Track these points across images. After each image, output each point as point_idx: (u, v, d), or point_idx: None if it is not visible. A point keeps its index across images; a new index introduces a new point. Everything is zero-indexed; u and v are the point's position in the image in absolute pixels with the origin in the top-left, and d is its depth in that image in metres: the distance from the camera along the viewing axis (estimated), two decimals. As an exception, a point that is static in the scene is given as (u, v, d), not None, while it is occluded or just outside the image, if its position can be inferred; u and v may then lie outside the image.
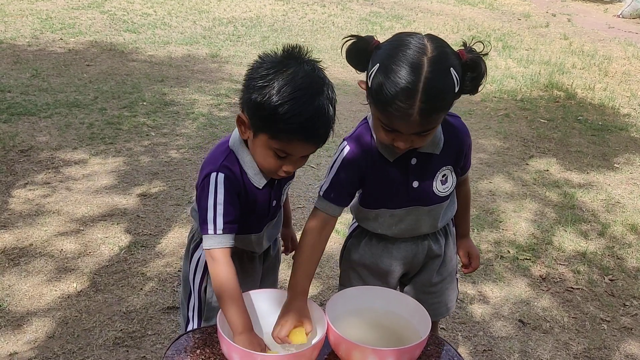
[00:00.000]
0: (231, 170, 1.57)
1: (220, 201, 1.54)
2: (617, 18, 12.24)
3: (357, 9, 11.05)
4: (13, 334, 2.60)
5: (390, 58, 1.44)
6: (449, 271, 1.91)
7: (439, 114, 1.48)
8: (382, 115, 1.49)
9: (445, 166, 1.70)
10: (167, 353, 1.51)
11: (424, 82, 1.39)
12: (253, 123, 1.51)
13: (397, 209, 1.71)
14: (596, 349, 2.80)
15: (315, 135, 1.48)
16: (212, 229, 1.54)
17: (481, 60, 1.51)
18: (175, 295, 2.91)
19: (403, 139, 1.52)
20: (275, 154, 1.51)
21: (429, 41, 1.45)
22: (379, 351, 1.43)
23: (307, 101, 1.43)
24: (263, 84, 1.45)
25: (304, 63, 1.48)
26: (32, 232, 3.36)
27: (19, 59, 6.62)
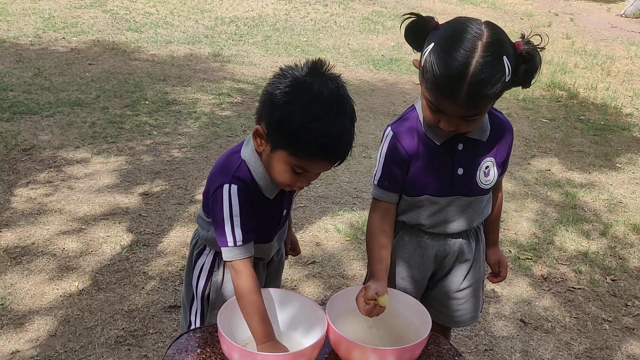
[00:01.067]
0: (244, 182, 1.56)
1: (236, 213, 1.53)
2: (620, 17, 12.22)
3: (360, 8, 11.04)
4: (15, 332, 2.60)
5: (446, 39, 1.48)
6: (476, 278, 1.88)
7: (486, 100, 1.50)
8: (431, 94, 1.52)
9: (490, 157, 1.71)
10: (168, 352, 1.51)
11: (474, 66, 1.41)
12: (273, 138, 1.49)
13: (440, 197, 1.70)
14: (598, 349, 2.79)
15: (337, 155, 1.48)
16: (232, 241, 1.54)
17: (537, 53, 1.52)
18: (177, 294, 2.92)
19: (448, 120, 1.54)
20: (293, 169, 1.50)
21: (487, 27, 1.47)
22: (379, 350, 1.43)
23: (331, 122, 1.41)
24: (286, 100, 1.44)
25: (328, 80, 1.46)
26: (34, 230, 3.37)
27: (22, 58, 6.63)
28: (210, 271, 1.77)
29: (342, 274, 3.17)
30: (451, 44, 1.45)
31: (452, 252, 1.80)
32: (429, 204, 1.72)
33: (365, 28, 9.67)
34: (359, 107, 5.52)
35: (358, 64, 7.82)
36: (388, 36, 9.29)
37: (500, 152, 1.74)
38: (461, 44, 1.43)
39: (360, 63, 7.88)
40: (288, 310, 1.59)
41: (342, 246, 3.43)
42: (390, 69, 7.65)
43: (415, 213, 1.74)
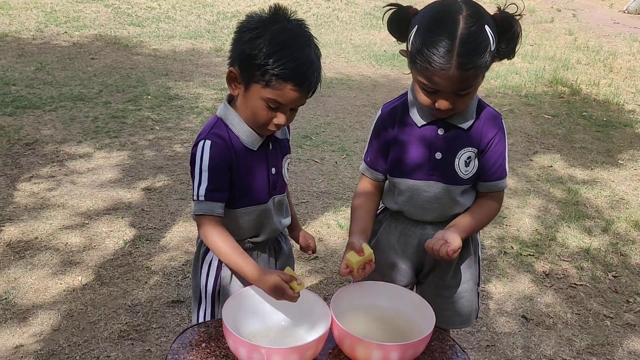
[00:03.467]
0: (220, 137, 1.61)
1: (205, 167, 1.59)
2: (623, 13, 12.19)
3: (362, 3, 11.02)
4: (19, 326, 2.61)
5: (428, 19, 1.55)
6: (467, 277, 1.87)
7: (477, 70, 1.52)
8: (423, 75, 1.55)
9: (470, 147, 1.71)
10: (173, 346, 1.52)
11: (460, 37, 1.47)
12: (245, 75, 1.56)
13: (418, 180, 1.73)
14: (599, 345, 2.80)
15: (306, 82, 1.54)
16: (195, 194, 1.60)
17: (514, 20, 1.57)
18: (180, 289, 2.92)
19: (444, 98, 1.57)
20: (267, 105, 1.56)
21: (464, 3, 1.54)
22: (383, 346, 1.43)
23: (297, 50, 1.51)
24: (254, 35, 1.52)
25: (291, 20, 1.57)
26: (37, 225, 3.37)
27: (24, 52, 6.63)
28: (219, 268, 1.76)
29: (344, 270, 3.17)
30: (434, 22, 1.52)
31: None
32: (406, 187, 1.75)
33: (367, 23, 9.66)
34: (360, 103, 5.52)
35: (360, 60, 7.81)
36: (390, 31, 9.27)
37: (483, 144, 1.72)
38: (444, 20, 1.50)
39: (363, 58, 7.88)
40: (292, 306, 1.59)
41: (344, 242, 3.44)
42: (393, 65, 7.64)
43: (397, 197, 1.79)
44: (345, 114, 5.64)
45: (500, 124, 1.75)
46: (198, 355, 1.48)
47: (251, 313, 1.59)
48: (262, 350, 1.38)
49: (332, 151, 4.75)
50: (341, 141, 4.95)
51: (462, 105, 1.62)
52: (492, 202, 1.79)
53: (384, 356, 1.42)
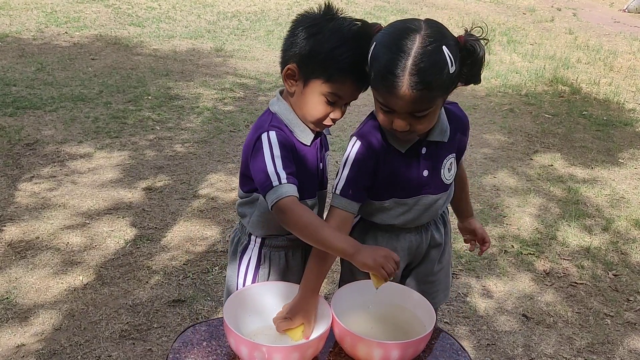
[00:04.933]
0: (279, 129, 1.61)
1: (277, 155, 1.55)
2: (623, 12, 12.19)
3: (362, 2, 11.02)
4: (20, 326, 2.62)
5: (386, 36, 1.50)
6: (447, 259, 1.94)
7: (431, 92, 1.47)
8: (378, 93, 1.52)
9: (451, 154, 1.74)
10: (174, 345, 1.52)
11: (414, 56, 1.42)
12: (305, 71, 1.58)
13: (407, 198, 1.72)
14: (600, 343, 2.80)
15: (366, 77, 1.55)
16: (276, 180, 1.51)
17: (479, 44, 1.51)
18: (181, 289, 2.93)
19: (400, 118, 1.52)
20: (327, 100, 1.58)
21: (426, 23, 1.49)
22: (384, 344, 1.44)
23: (357, 45, 1.53)
24: (312, 32, 1.55)
25: (346, 18, 1.60)
26: (38, 225, 3.38)
27: (24, 53, 6.63)
28: (257, 265, 1.76)
29: (345, 269, 3.18)
30: (391, 40, 1.47)
31: (424, 240, 1.83)
32: (396, 205, 1.73)
33: (367, 23, 9.66)
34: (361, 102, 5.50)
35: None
36: (390, 31, 9.27)
37: (460, 146, 1.78)
38: (400, 38, 1.45)
39: (363, 58, 7.88)
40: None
41: (345, 241, 3.44)
42: (393, 64, 7.64)
43: (385, 214, 1.76)
44: (346, 113, 5.65)
45: (465, 115, 1.81)
46: (199, 354, 1.49)
47: (252, 312, 1.59)
48: (263, 349, 1.39)
49: (332, 150, 4.75)
50: (341, 141, 4.95)
51: (421, 127, 1.55)
52: (461, 169, 1.93)
53: (385, 355, 1.43)
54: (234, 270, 1.81)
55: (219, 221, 3.56)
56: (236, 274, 1.79)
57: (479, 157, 4.81)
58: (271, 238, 1.75)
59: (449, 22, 9.84)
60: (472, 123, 1.83)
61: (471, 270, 3.26)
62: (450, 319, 2.88)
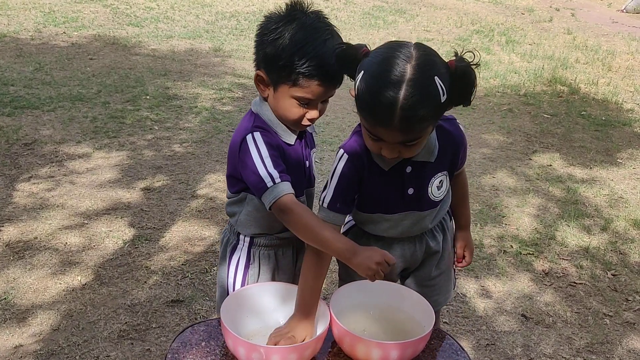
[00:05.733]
0: (264, 129, 1.62)
1: (265, 155, 1.56)
2: (621, 13, 12.20)
3: (361, 3, 11.02)
4: (18, 326, 2.61)
5: (375, 65, 1.43)
6: (447, 265, 1.92)
7: (422, 123, 1.43)
8: (367, 123, 1.48)
9: (441, 172, 1.69)
10: (172, 345, 1.52)
11: (405, 90, 1.36)
12: (272, 77, 1.58)
13: (392, 214, 1.70)
14: (599, 343, 2.80)
15: (332, 76, 1.54)
16: (270, 181, 1.52)
17: (471, 70, 1.46)
18: (179, 289, 2.92)
19: (389, 148, 1.49)
20: (298, 102, 1.57)
21: (416, 49, 1.42)
22: (383, 345, 1.43)
23: (319, 44, 1.51)
24: (275, 37, 1.53)
25: (308, 13, 1.57)
26: (37, 225, 3.37)
27: (22, 53, 6.62)
28: (247, 265, 1.76)
29: (343, 269, 3.17)
30: (380, 70, 1.40)
31: (419, 249, 1.81)
32: (382, 220, 1.72)
33: (366, 23, 9.65)
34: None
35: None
36: (389, 31, 9.27)
37: (453, 163, 1.72)
38: (390, 69, 1.38)
39: (361, 58, 7.88)
40: (292, 305, 1.59)
41: (343, 241, 3.44)
42: (391, 64, 7.64)
43: (373, 226, 1.76)
44: (344, 113, 5.64)
45: (464, 141, 1.74)
46: (197, 354, 1.48)
47: (250, 312, 1.59)
48: (261, 350, 1.38)
49: (331, 151, 4.75)
50: (340, 141, 4.95)
51: (409, 153, 1.53)
52: (462, 178, 1.89)
53: (384, 355, 1.42)
54: (224, 270, 1.81)
55: (217, 221, 3.56)
56: (226, 274, 1.79)
57: (478, 157, 4.81)
58: (260, 237, 1.75)
59: (448, 23, 9.84)
60: (471, 123, 1.81)
61: (470, 270, 3.26)
62: (449, 319, 2.88)
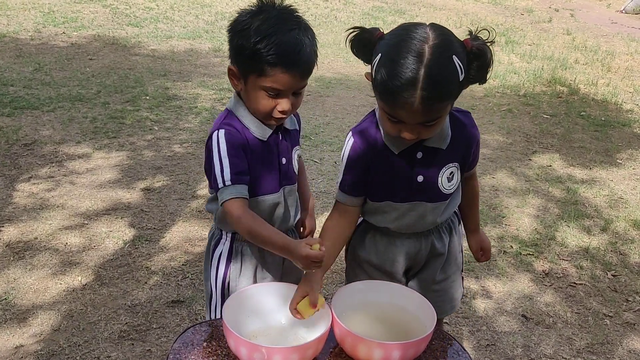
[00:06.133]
0: (232, 126, 1.64)
1: (224, 154, 1.60)
2: (620, 13, 12.22)
3: (360, 3, 11.02)
4: (19, 327, 2.61)
5: (392, 47, 1.45)
6: (453, 270, 1.89)
7: (443, 103, 1.46)
8: (386, 105, 1.49)
9: (452, 163, 1.68)
10: (174, 346, 1.52)
11: (425, 70, 1.38)
12: (240, 68, 1.61)
13: (401, 202, 1.70)
14: (599, 344, 2.80)
15: (296, 64, 1.55)
16: (221, 181, 1.58)
17: (486, 47, 1.49)
18: (180, 289, 2.92)
19: (408, 130, 1.51)
20: (267, 93, 1.58)
21: (432, 30, 1.44)
22: (384, 345, 1.43)
23: (283, 34, 1.53)
24: (242, 28, 1.56)
25: (277, 7, 1.59)
26: (37, 225, 3.37)
27: (22, 53, 6.62)
28: (229, 259, 1.77)
29: (343, 269, 3.16)
30: (398, 51, 1.41)
31: (424, 248, 1.80)
32: (391, 209, 1.72)
33: (365, 23, 9.65)
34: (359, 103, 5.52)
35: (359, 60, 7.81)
36: (388, 31, 9.28)
37: (465, 155, 1.72)
38: (408, 50, 1.40)
39: (361, 58, 7.88)
40: (294, 305, 1.59)
41: (344, 241, 3.44)
42: (391, 65, 7.64)
43: (380, 217, 1.75)
44: (344, 114, 5.64)
45: (477, 136, 1.75)
46: (199, 354, 1.48)
47: (252, 312, 1.59)
48: (263, 350, 1.38)
49: (331, 151, 4.75)
50: (340, 141, 4.95)
51: (428, 134, 1.55)
52: (473, 181, 1.89)
53: (386, 355, 1.42)
54: (207, 264, 1.83)
55: (217, 222, 3.56)
56: (209, 267, 1.81)
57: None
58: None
59: (447, 23, 9.84)
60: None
61: (470, 270, 3.26)
62: (450, 320, 2.87)
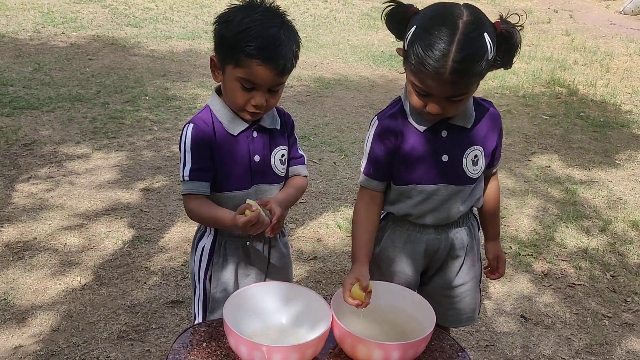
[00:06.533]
0: (203, 120, 1.68)
1: (187, 149, 1.66)
2: (619, 14, 12.22)
3: (359, 4, 11.03)
4: (18, 327, 2.61)
5: (428, 20, 1.52)
6: (471, 276, 1.88)
7: (471, 77, 1.50)
8: (416, 77, 1.53)
9: (476, 145, 1.71)
10: (174, 346, 1.52)
11: (457, 43, 1.44)
12: (220, 58, 1.63)
13: (426, 184, 1.71)
14: (598, 344, 2.81)
15: (273, 58, 1.56)
16: (181, 175, 1.68)
17: (516, 31, 1.55)
18: (179, 290, 2.92)
19: (435, 102, 1.54)
20: (242, 85, 1.60)
21: (466, 8, 1.51)
22: (384, 345, 1.43)
23: (263, 29, 1.55)
24: (226, 19, 1.60)
25: (264, 4, 1.63)
26: (36, 226, 3.37)
27: (21, 53, 6.62)
28: (211, 254, 1.78)
29: (343, 270, 3.18)
30: (433, 24, 1.48)
31: (443, 246, 1.80)
32: (416, 192, 1.72)
33: (364, 24, 9.67)
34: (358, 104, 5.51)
35: (358, 60, 7.82)
36: (388, 32, 9.17)
37: (489, 141, 1.75)
38: (443, 23, 1.46)
39: (360, 59, 7.89)
40: (294, 305, 1.60)
41: (343, 242, 3.44)
42: (390, 65, 7.65)
43: (404, 203, 1.76)
44: (343, 114, 5.64)
45: (501, 124, 1.78)
46: (199, 355, 1.48)
47: (252, 312, 1.59)
48: (263, 348, 1.38)
49: (330, 152, 4.75)
50: (339, 142, 4.95)
51: (452, 110, 1.59)
52: (495, 183, 1.94)
53: (385, 356, 1.42)
54: (192, 258, 1.85)
55: (217, 222, 3.56)
56: (193, 261, 1.83)
57: (477, 158, 4.82)
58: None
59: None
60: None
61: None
62: (448, 320, 2.88)
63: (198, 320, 1.84)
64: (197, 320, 1.84)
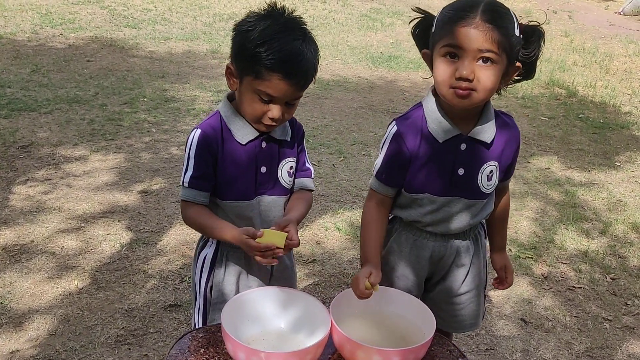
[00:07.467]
0: (211, 127, 1.66)
1: (191, 155, 1.65)
2: (619, 15, 12.22)
3: (358, 5, 11.02)
4: (14, 331, 2.59)
5: (449, 6, 1.58)
6: (476, 284, 1.86)
7: (501, 34, 1.48)
8: (447, 35, 1.52)
9: (493, 161, 1.69)
10: (171, 352, 1.50)
11: (485, 2, 1.50)
12: (238, 67, 1.60)
13: (439, 195, 1.69)
14: (598, 348, 2.79)
15: (294, 73, 1.55)
16: (182, 181, 1.68)
17: (538, 27, 1.59)
18: (177, 293, 2.90)
19: (465, 64, 1.49)
20: (260, 97, 1.58)
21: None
22: (383, 351, 1.42)
23: (286, 42, 1.53)
24: (247, 29, 1.56)
25: (285, 15, 1.60)
26: (33, 228, 3.35)
27: (19, 54, 6.60)
28: (212, 264, 1.76)
29: (342, 273, 3.16)
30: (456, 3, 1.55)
31: (449, 254, 1.78)
32: (428, 202, 1.71)
33: (363, 25, 9.66)
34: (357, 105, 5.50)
35: (357, 61, 7.81)
36: (387, 33, 9.27)
37: (505, 157, 1.73)
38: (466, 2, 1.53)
39: (359, 60, 7.87)
40: (293, 310, 1.58)
41: (342, 245, 3.43)
42: (389, 66, 7.64)
43: (414, 210, 1.74)
44: (342, 116, 5.63)
45: (519, 140, 1.77)
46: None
47: (250, 317, 1.58)
48: (261, 354, 1.37)
49: (329, 154, 4.74)
50: (338, 143, 4.94)
51: (484, 78, 1.50)
52: (507, 196, 1.91)
53: (385, 362, 1.41)
54: (194, 267, 1.83)
55: (215, 224, 3.54)
56: (194, 271, 1.81)
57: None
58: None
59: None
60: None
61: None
62: (448, 324, 2.86)
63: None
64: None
